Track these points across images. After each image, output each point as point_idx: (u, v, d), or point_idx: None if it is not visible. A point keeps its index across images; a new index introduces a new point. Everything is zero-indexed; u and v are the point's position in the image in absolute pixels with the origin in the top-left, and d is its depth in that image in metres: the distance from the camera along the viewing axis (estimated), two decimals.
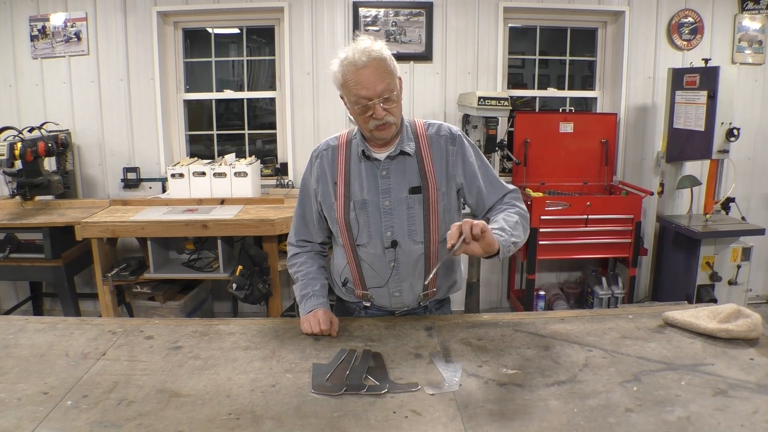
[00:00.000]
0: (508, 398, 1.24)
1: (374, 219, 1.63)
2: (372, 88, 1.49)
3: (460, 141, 1.68)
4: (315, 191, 1.71)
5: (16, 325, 1.63)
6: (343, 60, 1.51)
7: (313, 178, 1.71)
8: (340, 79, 1.53)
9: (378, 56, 1.49)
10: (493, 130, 3.35)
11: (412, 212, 1.62)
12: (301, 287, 1.71)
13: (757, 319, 1.52)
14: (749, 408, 1.18)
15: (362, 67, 1.48)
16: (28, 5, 3.75)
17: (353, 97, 1.53)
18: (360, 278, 1.71)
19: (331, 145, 1.71)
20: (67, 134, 3.75)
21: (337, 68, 1.53)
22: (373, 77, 1.48)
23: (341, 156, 1.67)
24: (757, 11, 3.98)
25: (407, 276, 1.68)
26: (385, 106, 1.52)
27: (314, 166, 1.72)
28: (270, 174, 4.03)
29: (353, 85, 1.50)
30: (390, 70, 1.52)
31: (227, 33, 4.16)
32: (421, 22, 3.82)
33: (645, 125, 4.09)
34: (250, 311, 3.92)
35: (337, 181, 1.65)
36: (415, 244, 1.64)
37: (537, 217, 3.46)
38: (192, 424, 1.15)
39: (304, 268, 1.74)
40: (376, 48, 1.50)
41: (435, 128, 1.69)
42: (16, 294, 4.05)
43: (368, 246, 1.65)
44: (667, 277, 3.81)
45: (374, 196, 1.62)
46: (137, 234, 3.09)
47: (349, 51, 1.50)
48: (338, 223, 1.65)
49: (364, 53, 1.48)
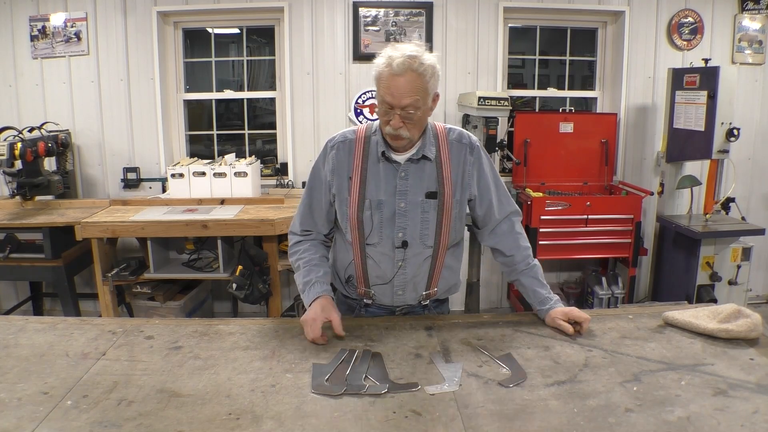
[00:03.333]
0: (508, 398, 1.24)
1: (387, 220, 1.62)
2: (398, 99, 1.48)
3: (478, 152, 1.68)
4: (329, 183, 1.67)
5: (16, 325, 1.63)
6: (387, 59, 1.49)
7: (328, 169, 1.67)
8: (376, 74, 1.52)
9: (417, 71, 1.47)
10: (493, 130, 3.34)
11: (426, 216, 1.62)
12: (303, 274, 1.68)
13: (757, 319, 1.52)
14: (749, 408, 1.18)
15: (397, 75, 1.47)
16: (28, 5, 3.75)
17: (380, 96, 1.53)
18: (364, 276, 1.70)
19: (348, 137, 1.67)
20: (67, 134, 3.75)
21: (379, 63, 1.51)
22: (403, 89, 1.47)
23: (358, 151, 1.64)
24: (757, 11, 3.98)
25: (412, 276, 1.68)
26: (405, 119, 1.51)
27: (329, 157, 1.67)
28: (270, 174, 4.03)
29: (384, 87, 1.50)
30: (423, 87, 1.49)
31: (227, 33, 4.16)
32: (421, 22, 3.82)
33: (645, 125, 4.09)
34: (250, 311, 3.92)
35: (352, 176, 1.63)
36: (425, 248, 1.65)
37: (537, 217, 3.46)
38: (192, 424, 1.15)
39: (307, 255, 1.71)
40: (419, 62, 1.47)
41: (456, 134, 1.68)
42: (16, 294, 4.05)
43: (378, 245, 1.65)
44: (667, 277, 3.81)
45: (390, 197, 1.62)
46: (137, 234, 3.09)
47: (396, 53, 1.48)
48: (349, 221, 1.64)
49: (405, 63, 1.46)
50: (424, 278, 1.70)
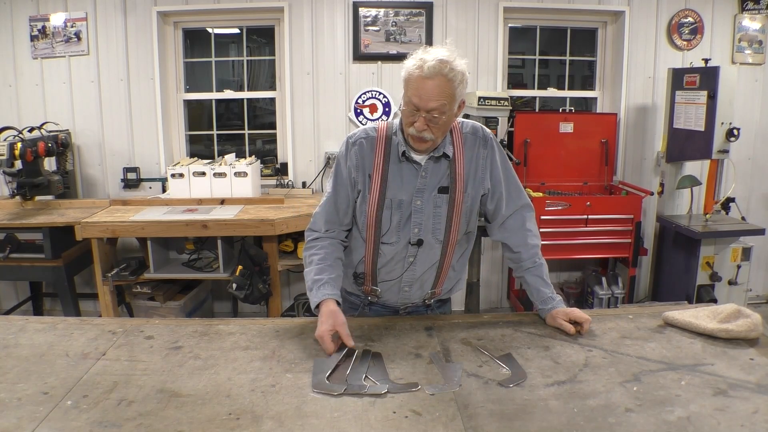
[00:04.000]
0: (508, 398, 1.24)
1: (405, 218, 1.63)
2: (425, 101, 1.48)
3: (492, 145, 1.69)
4: (354, 179, 1.66)
5: (16, 325, 1.63)
6: (419, 61, 1.49)
7: (351, 166, 1.66)
8: (406, 75, 1.52)
9: (447, 76, 1.47)
10: (493, 130, 3.34)
11: (438, 211, 1.63)
12: (315, 271, 1.62)
13: (757, 319, 1.52)
14: (749, 408, 1.18)
15: (427, 78, 1.47)
16: (28, 5, 3.75)
17: (407, 97, 1.53)
18: (373, 272, 1.71)
19: (370, 135, 1.66)
20: (67, 134, 3.75)
21: (410, 64, 1.52)
22: (431, 92, 1.47)
23: (379, 149, 1.64)
24: (757, 11, 3.98)
25: (421, 273, 1.69)
26: (429, 122, 1.51)
27: (350, 153, 1.66)
28: (270, 174, 4.03)
29: (412, 88, 1.50)
30: (451, 93, 1.50)
31: (227, 33, 4.16)
32: (421, 22, 3.82)
33: (645, 125, 4.09)
34: (250, 311, 3.92)
35: (373, 174, 1.63)
36: (436, 243, 1.66)
37: (537, 217, 3.43)
38: (192, 424, 1.15)
39: (323, 253, 1.66)
40: (450, 67, 1.48)
41: (469, 127, 1.69)
42: (16, 294, 4.05)
43: (394, 244, 1.65)
44: (667, 277, 3.81)
45: (409, 196, 1.62)
46: (137, 234, 3.09)
47: (428, 56, 1.48)
48: (368, 219, 1.64)
49: (436, 67, 1.46)
50: (432, 276, 1.71)
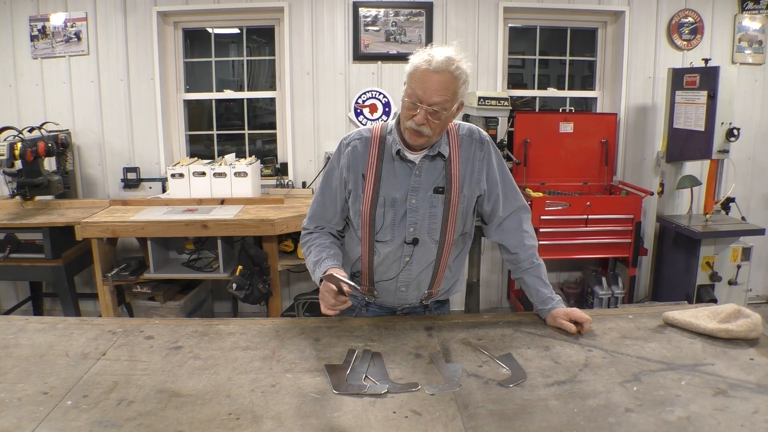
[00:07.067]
0: (508, 398, 1.24)
1: (400, 216, 1.64)
2: (428, 95, 1.49)
3: (488, 147, 1.69)
4: (345, 179, 1.68)
5: (16, 325, 1.63)
6: (426, 55, 1.51)
7: (343, 167, 1.68)
8: (411, 68, 1.53)
9: (453, 73, 1.49)
10: (493, 130, 3.35)
11: (434, 211, 1.64)
12: (314, 254, 1.66)
13: (757, 319, 1.52)
14: (749, 408, 1.18)
15: (434, 72, 1.48)
16: (28, 5, 3.75)
17: (410, 90, 1.53)
18: (370, 272, 1.71)
19: (363, 136, 1.68)
20: (67, 134, 3.75)
21: (418, 59, 1.53)
22: (436, 86, 1.49)
23: (373, 150, 1.66)
24: (757, 11, 3.98)
25: (417, 273, 1.69)
26: (429, 116, 1.52)
27: (343, 155, 1.68)
28: (270, 174, 4.02)
29: (417, 80, 1.51)
30: (454, 91, 1.51)
31: (227, 33, 4.16)
32: (421, 22, 3.82)
33: (645, 125, 4.09)
34: (250, 311, 3.92)
35: (366, 174, 1.64)
36: (432, 242, 1.66)
37: (537, 217, 3.45)
38: (192, 424, 1.15)
39: (318, 240, 1.70)
40: (456, 66, 1.49)
41: (466, 129, 1.70)
42: (16, 294, 4.05)
43: (389, 243, 1.66)
44: (667, 277, 3.81)
45: (403, 194, 1.63)
46: (137, 234, 3.09)
47: (436, 53, 1.50)
48: (362, 217, 1.65)
49: (444, 63, 1.48)
50: (429, 276, 1.71)
